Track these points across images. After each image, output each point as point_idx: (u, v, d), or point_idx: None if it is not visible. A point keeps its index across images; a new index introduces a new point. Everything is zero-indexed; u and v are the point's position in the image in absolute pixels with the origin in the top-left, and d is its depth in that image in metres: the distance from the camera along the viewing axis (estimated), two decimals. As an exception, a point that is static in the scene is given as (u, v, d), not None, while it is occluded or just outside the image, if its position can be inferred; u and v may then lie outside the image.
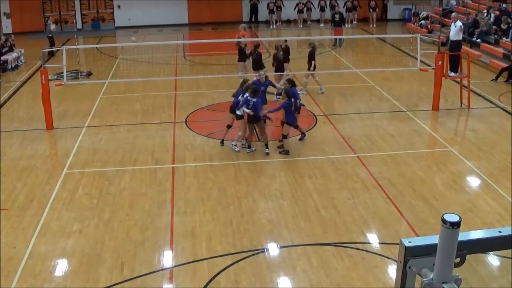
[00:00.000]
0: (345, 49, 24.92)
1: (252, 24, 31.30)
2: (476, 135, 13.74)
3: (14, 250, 8.87)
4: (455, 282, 1.87)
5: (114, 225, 9.62)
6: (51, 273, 8.28)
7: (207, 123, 14.77)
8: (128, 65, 22.26)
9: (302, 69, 17.64)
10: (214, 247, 8.86)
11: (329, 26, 27.72)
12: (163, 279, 8.18)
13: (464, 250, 1.89)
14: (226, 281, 7.99)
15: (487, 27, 22.44)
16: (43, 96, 14.19)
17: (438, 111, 15.30)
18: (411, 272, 1.92)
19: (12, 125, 14.83)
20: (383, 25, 31.27)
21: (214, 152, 12.82)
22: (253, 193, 10.66)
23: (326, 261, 8.43)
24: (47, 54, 21.13)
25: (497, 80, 18.33)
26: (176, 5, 30.52)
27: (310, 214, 9.80)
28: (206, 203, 10.37)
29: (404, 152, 12.63)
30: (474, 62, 19.07)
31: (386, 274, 8.22)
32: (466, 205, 10.12)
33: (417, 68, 16.67)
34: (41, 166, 12.18)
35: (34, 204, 10.42)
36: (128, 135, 14.10)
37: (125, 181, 11.34)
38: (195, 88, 17.90)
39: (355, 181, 11.15)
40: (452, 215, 1.83)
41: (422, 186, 10.84)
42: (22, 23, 29.08)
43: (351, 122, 14.66)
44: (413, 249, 1.90)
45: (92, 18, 30.89)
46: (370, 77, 18.70)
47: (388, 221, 9.62)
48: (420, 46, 16.39)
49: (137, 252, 8.76)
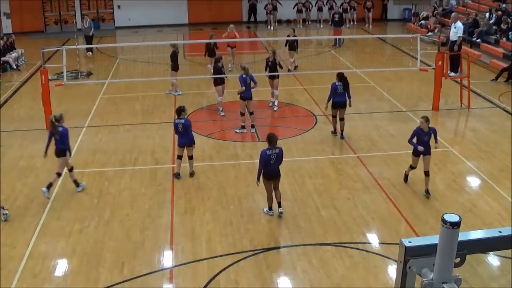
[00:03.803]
0: (345, 49, 24.93)
1: (251, 24, 31.31)
2: (476, 135, 13.74)
3: (14, 250, 8.87)
4: (455, 282, 1.87)
5: (114, 225, 9.62)
6: (51, 273, 8.28)
7: (207, 123, 14.77)
8: (128, 65, 22.26)
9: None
10: (214, 247, 8.86)
11: (328, 26, 27.72)
12: (163, 279, 8.18)
13: (464, 250, 1.89)
14: (226, 281, 7.99)
15: (487, 27, 22.44)
16: (43, 96, 14.19)
17: (438, 111, 15.30)
18: (411, 272, 1.92)
19: (12, 125, 14.83)
20: (383, 25, 31.27)
21: (214, 152, 12.82)
22: (253, 193, 10.66)
23: (326, 261, 8.43)
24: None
25: (497, 80, 18.33)
26: (176, 5, 30.51)
27: (310, 214, 9.80)
28: (206, 203, 10.37)
29: (404, 152, 12.61)
30: (474, 62, 19.08)
31: (386, 274, 8.22)
32: (466, 205, 10.12)
33: (417, 68, 16.66)
34: (41, 166, 12.17)
35: (34, 204, 10.42)
36: (128, 135, 14.10)
37: (125, 181, 11.34)
38: (195, 88, 17.89)
39: (355, 181, 11.15)
40: (452, 215, 1.83)
41: (422, 186, 10.84)
42: (22, 23, 29.07)
43: (351, 122, 14.65)
44: (413, 249, 1.90)
45: (92, 18, 30.85)
46: (370, 77, 18.70)
47: (388, 221, 9.63)
48: (420, 46, 16.38)
49: (137, 252, 8.76)
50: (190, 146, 11.26)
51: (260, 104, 16.62)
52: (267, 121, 15.22)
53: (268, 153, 9.40)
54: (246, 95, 13.73)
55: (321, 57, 22.70)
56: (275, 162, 9.50)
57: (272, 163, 9.46)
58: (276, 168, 9.58)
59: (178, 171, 11.43)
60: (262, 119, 15.15)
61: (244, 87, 13.64)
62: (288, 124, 15.22)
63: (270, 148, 9.43)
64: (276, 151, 9.48)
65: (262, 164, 9.45)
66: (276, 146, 9.49)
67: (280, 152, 9.53)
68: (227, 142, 13.48)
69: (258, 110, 15.99)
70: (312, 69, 19.89)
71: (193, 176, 11.41)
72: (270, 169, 9.48)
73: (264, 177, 9.51)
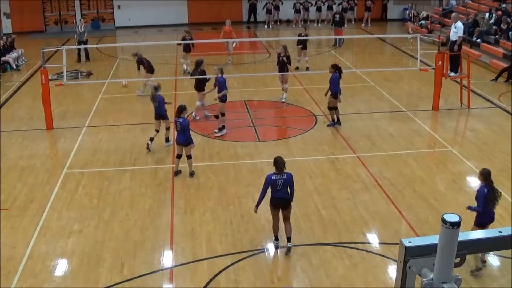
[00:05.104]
0: (345, 49, 24.92)
1: (251, 24, 31.32)
2: (476, 135, 13.74)
3: (14, 250, 8.87)
4: (455, 282, 1.87)
5: (114, 225, 9.62)
6: (51, 273, 8.28)
7: (207, 123, 14.76)
8: (128, 65, 22.24)
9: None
10: (214, 247, 8.87)
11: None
12: (163, 279, 8.18)
13: (464, 250, 1.89)
14: (226, 281, 7.99)
15: (487, 27, 22.43)
16: (43, 96, 14.19)
17: (438, 111, 15.30)
18: (411, 272, 1.92)
19: (12, 125, 14.82)
20: (383, 25, 31.27)
21: (214, 152, 12.82)
22: (253, 193, 10.65)
23: (326, 261, 8.43)
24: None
25: (497, 80, 18.33)
26: (176, 5, 30.52)
27: (310, 214, 9.80)
28: (206, 203, 10.37)
29: (404, 152, 12.63)
30: (474, 62, 19.08)
31: (386, 274, 8.22)
32: (466, 205, 10.10)
33: (417, 68, 16.66)
34: (41, 166, 12.18)
35: (34, 204, 10.43)
36: (128, 135, 14.10)
37: (125, 181, 11.34)
38: (194, 88, 17.83)
39: (355, 181, 11.15)
40: (452, 215, 1.83)
41: (422, 186, 10.84)
42: (22, 23, 29.06)
43: (351, 122, 14.66)
44: (413, 249, 1.90)
45: (92, 18, 30.87)
46: (370, 77, 18.70)
47: (388, 221, 9.62)
48: (420, 46, 16.38)
49: (137, 252, 8.76)
50: (187, 146, 11.26)
51: (260, 104, 16.64)
52: (267, 121, 15.22)
53: (273, 178, 8.51)
54: (226, 97, 13.70)
55: (321, 57, 22.69)
56: (281, 189, 8.53)
57: (278, 190, 8.52)
58: (283, 196, 8.57)
59: (177, 169, 11.47)
60: (262, 119, 15.15)
61: (227, 89, 13.71)
62: (288, 124, 15.23)
63: (276, 173, 8.55)
64: (283, 176, 8.53)
65: (264, 189, 8.60)
66: (284, 171, 8.58)
67: (288, 179, 8.55)
68: (227, 142, 13.48)
69: (258, 110, 16.02)
70: (312, 69, 19.88)
71: (193, 176, 11.41)
72: (276, 196, 8.54)
73: (270, 203, 8.64)
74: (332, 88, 13.83)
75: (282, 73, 16.24)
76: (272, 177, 8.52)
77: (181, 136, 11.22)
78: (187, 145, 11.26)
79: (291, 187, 8.62)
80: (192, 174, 11.41)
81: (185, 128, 11.17)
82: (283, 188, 8.53)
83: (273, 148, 12.93)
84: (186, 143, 11.23)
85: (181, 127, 11.16)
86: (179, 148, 11.36)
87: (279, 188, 8.51)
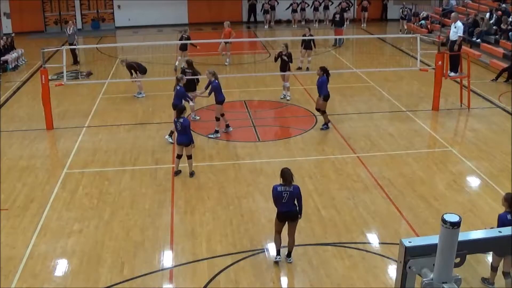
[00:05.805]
0: (345, 49, 24.92)
1: (251, 24, 31.33)
2: (476, 135, 13.74)
3: (14, 250, 8.87)
4: (455, 282, 1.87)
5: (114, 225, 9.62)
6: (51, 273, 8.28)
7: (207, 123, 14.75)
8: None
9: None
10: (214, 247, 8.87)
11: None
12: (163, 279, 8.18)
13: (464, 250, 1.89)
14: (226, 281, 7.99)
15: (487, 27, 22.43)
16: (43, 96, 14.19)
17: (438, 111, 15.30)
18: (411, 272, 1.92)
19: (12, 125, 14.82)
20: (383, 25, 31.27)
21: (214, 152, 12.82)
22: (253, 193, 10.66)
23: (326, 261, 8.43)
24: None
25: (497, 80, 18.33)
26: (176, 5, 30.52)
27: (310, 214, 9.80)
28: (206, 203, 10.37)
29: (404, 152, 12.63)
30: (474, 62, 19.08)
31: (386, 274, 8.22)
32: (466, 205, 10.12)
33: (417, 68, 16.66)
34: (41, 166, 12.18)
35: (34, 204, 10.43)
36: (128, 135, 14.10)
37: (125, 181, 11.34)
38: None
39: (355, 181, 11.15)
40: (452, 215, 1.83)
41: (422, 186, 10.84)
42: (22, 23, 29.06)
43: (351, 122, 14.66)
44: (413, 249, 1.90)
45: (92, 18, 30.89)
46: (370, 77, 18.70)
47: (388, 221, 9.63)
48: (420, 46, 16.38)
49: (137, 252, 8.77)
50: (188, 146, 11.28)
51: (260, 104, 16.64)
52: (267, 121, 15.22)
53: (279, 190, 8.15)
54: (223, 98, 13.54)
55: (321, 57, 22.68)
56: (288, 201, 8.16)
57: (284, 202, 8.15)
58: (290, 210, 8.19)
59: (177, 169, 11.48)
60: (262, 119, 15.16)
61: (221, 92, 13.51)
62: (288, 124, 15.24)
63: (283, 185, 8.17)
64: (290, 189, 8.14)
65: (274, 200, 8.31)
66: (291, 184, 8.19)
67: (294, 191, 8.16)
68: (227, 142, 13.48)
69: (258, 110, 16.02)
70: (313, 69, 19.85)
71: (193, 176, 11.41)
72: (283, 210, 8.20)
73: (276, 217, 8.32)
74: (323, 91, 13.63)
75: (283, 73, 16.23)
76: (278, 188, 8.18)
77: (182, 136, 11.25)
78: (188, 145, 11.28)
79: (299, 200, 8.25)
80: (192, 174, 11.42)
81: (186, 128, 11.20)
82: (290, 200, 8.18)
83: (273, 148, 12.94)
84: (187, 143, 11.25)
85: (182, 127, 11.18)
86: (180, 148, 11.38)
87: (285, 201, 8.16)
